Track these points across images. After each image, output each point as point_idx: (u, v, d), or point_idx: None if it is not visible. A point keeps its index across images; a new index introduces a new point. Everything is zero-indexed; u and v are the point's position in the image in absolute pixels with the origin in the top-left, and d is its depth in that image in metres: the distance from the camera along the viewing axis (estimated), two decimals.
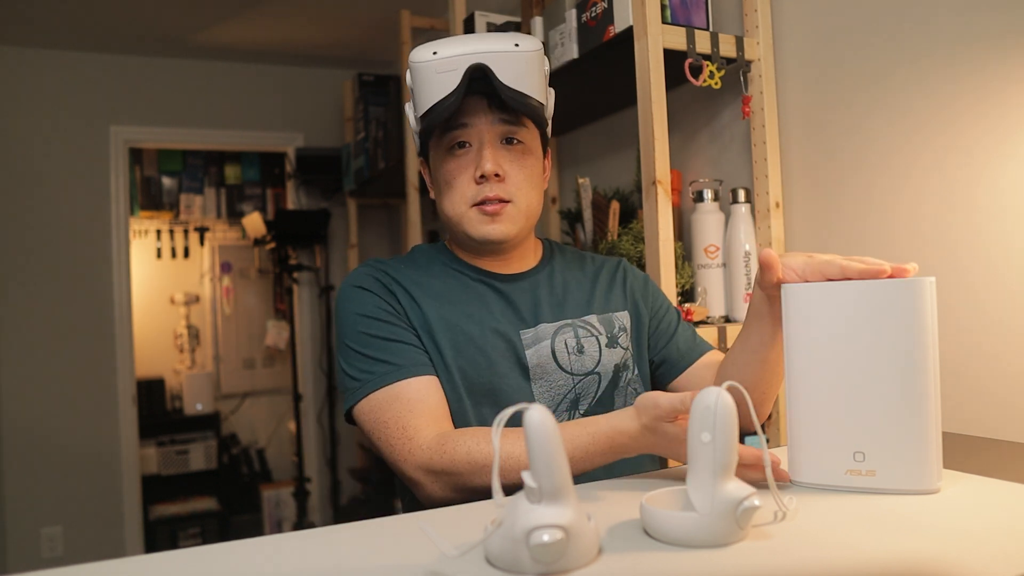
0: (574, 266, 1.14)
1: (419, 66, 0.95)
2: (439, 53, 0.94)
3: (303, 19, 3.16)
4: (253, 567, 0.61)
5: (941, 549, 0.59)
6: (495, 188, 0.99)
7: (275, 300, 4.59)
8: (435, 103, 0.95)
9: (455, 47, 0.94)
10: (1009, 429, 1.10)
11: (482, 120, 0.99)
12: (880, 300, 0.74)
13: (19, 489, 3.16)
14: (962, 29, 1.16)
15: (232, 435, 4.40)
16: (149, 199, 4.36)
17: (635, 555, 0.60)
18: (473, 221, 1.01)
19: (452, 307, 1.02)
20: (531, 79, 0.97)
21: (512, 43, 0.95)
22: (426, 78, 0.95)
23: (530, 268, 1.10)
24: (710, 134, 1.69)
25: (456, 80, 0.93)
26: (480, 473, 0.86)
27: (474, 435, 0.89)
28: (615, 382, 1.05)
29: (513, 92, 0.95)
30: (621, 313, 1.10)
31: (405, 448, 0.90)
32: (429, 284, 1.04)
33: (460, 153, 1.00)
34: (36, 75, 3.27)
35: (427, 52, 0.95)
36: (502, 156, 1.00)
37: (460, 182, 1.00)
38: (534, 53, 0.97)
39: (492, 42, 0.95)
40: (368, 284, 1.02)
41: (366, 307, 1.00)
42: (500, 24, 1.91)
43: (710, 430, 0.62)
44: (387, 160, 2.80)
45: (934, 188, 1.21)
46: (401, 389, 0.94)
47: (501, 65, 0.94)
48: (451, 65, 0.93)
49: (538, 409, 0.57)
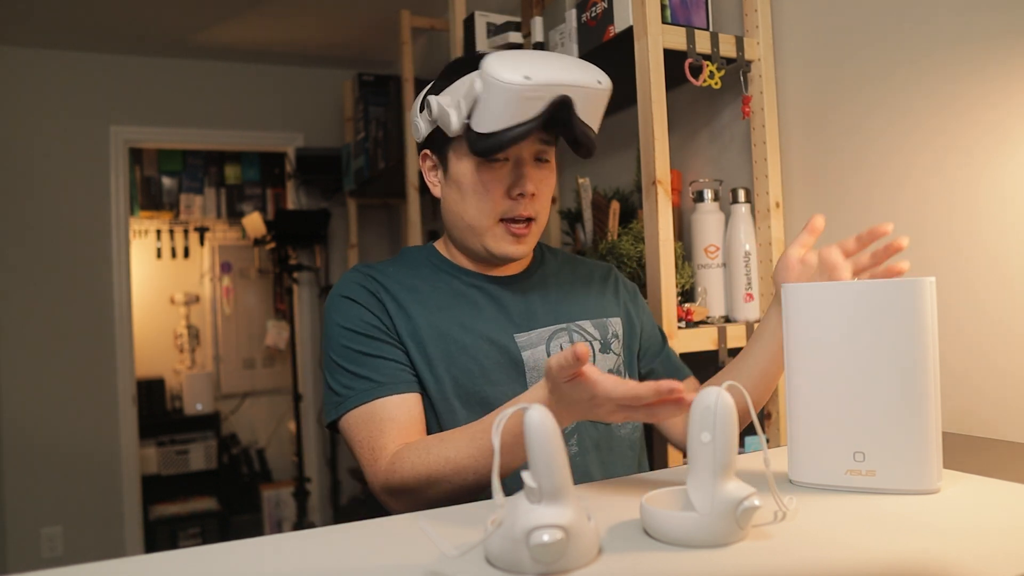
0: (566, 269, 1.14)
1: (505, 86, 0.89)
2: (532, 79, 0.89)
3: (303, 19, 3.16)
4: (253, 567, 0.61)
5: (941, 549, 0.59)
6: (527, 207, 0.99)
7: (275, 300, 4.59)
8: (510, 126, 0.91)
9: (545, 72, 0.91)
10: (1009, 429, 1.10)
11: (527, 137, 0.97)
12: (880, 300, 0.74)
13: (19, 489, 3.15)
14: (962, 29, 1.16)
15: (232, 435, 4.40)
16: (149, 199, 4.36)
17: (635, 555, 0.60)
18: (497, 237, 1.00)
19: (443, 314, 1.01)
20: (598, 114, 0.98)
21: (595, 79, 0.95)
22: (509, 99, 0.90)
23: (522, 271, 1.10)
24: (710, 134, 1.69)
25: (538, 108, 0.91)
26: (430, 485, 0.86)
27: (416, 447, 0.89)
28: None
29: (585, 127, 0.95)
30: (614, 319, 1.10)
31: (371, 470, 0.92)
32: (419, 291, 1.03)
33: (497, 166, 0.99)
34: (36, 75, 3.27)
35: (517, 74, 0.89)
36: (535, 174, 1.00)
37: (492, 195, 0.99)
38: (609, 91, 0.97)
39: (577, 72, 0.93)
40: (355, 294, 1.01)
41: (351, 320, 0.99)
42: (500, 24, 1.91)
43: (710, 430, 0.63)
44: (387, 160, 2.80)
45: (934, 188, 1.21)
46: (376, 408, 0.94)
47: (582, 100, 0.93)
48: (539, 93, 0.90)
49: (538, 409, 0.57)
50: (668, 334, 1.32)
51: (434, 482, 0.86)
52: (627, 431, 1.08)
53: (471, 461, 0.84)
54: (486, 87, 0.90)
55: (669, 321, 1.32)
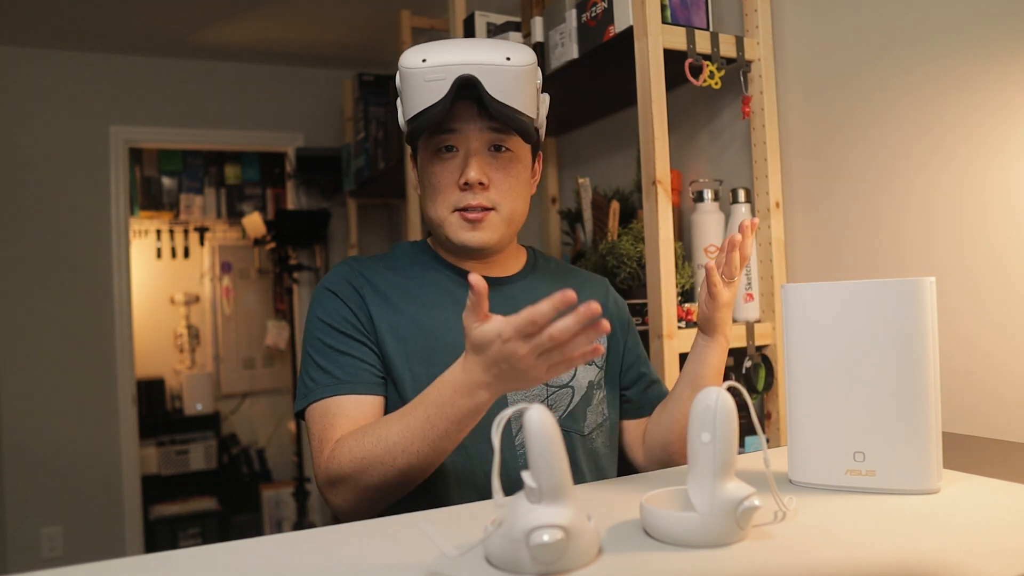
0: (558, 278, 1.13)
1: (407, 71, 0.94)
2: (428, 60, 0.93)
3: (303, 19, 3.16)
4: (253, 567, 0.61)
5: (941, 549, 0.59)
6: (479, 196, 0.98)
7: (275, 300, 4.59)
8: (422, 110, 0.94)
9: (445, 55, 0.93)
10: (1009, 429, 1.10)
11: (471, 126, 0.98)
12: (880, 300, 0.74)
13: (19, 489, 3.15)
14: (963, 29, 1.16)
15: (232, 435, 4.40)
16: (149, 199, 4.36)
17: (635, 555, 0.60)
18: (454, 226, 1.00)
19: (429, 311, 1.01)
20: (521, 93, 0.95)
21: (503, 56, 0.94)
22: (414, 84, 0.94)
23: (512, 274, 1.09)
24: (710, 134, 1.69)
25: (444, 89, 0.92)
26: (365, 470, 0.86)
27: (354, 433, 0.89)
28: (588, 399, 1.05)
29: (501, 107, 0.93)
30: None
31: (316, 462, 0.93)
32: (407, 287, 1.03)
33: (447, 157, 1.00)
34: (36, 75, 3.27)
35: (416, 58, 0.93)
36: (488, 163, 0.99)
37: (444, 186, 0.99)
38: (525, 68, 0.95)
39: (483, 52, 0.93)
40: (338, 288, 1.02)
41: (329, 314, 1.00)
42: (500, 24, 1.91)
43: (710, 430, 0.63)
44: (387, 160, 2.80)
45: (934, 187, 1.21)
46: (332, 404, 0.95)
47: (491, 78, 0.93)
48: (440, 74, 0.92)
49: (538, 409, 0.57)
50: (668, 334, 1.32)
51: (368, 465, 0.85)
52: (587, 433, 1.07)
53: (400, 439, 0.84)
54: (400, 78, 0.96)
55: (669, 321, 1.32)
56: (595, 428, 1.07)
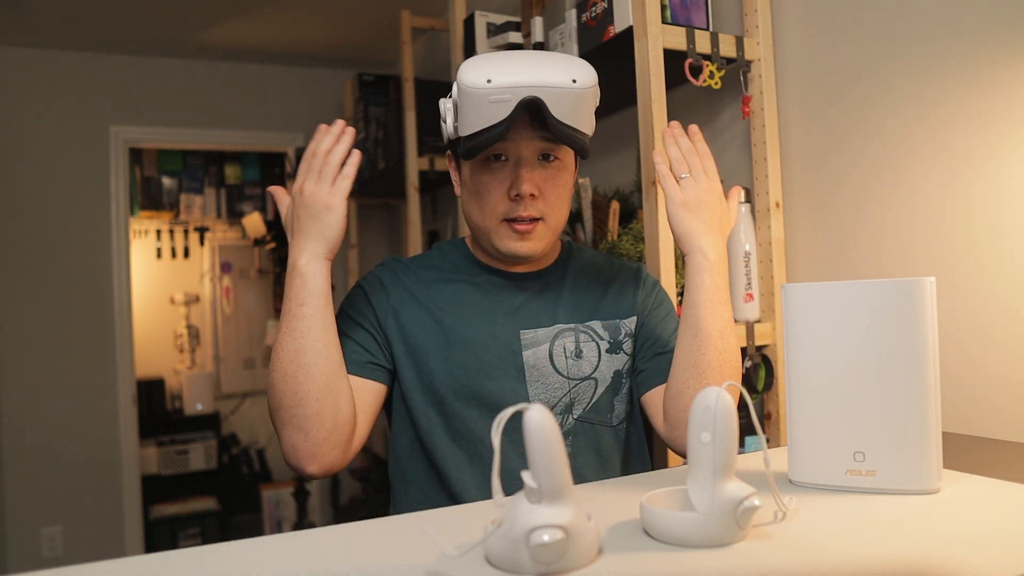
0: (590, 271, 1.13)
1: (471, 91, 0.91)
2: (494, 81, 0.90)
3: (303, 19, 3.16)
4: (253, 567, 0.61)
5: (941, 549, 0.59)
6: (529, 207, 0.98)
7: (275, 300, 4.58)
8: (481, 130, 0.92)
9: (510, 74, 0.90)
10: (1009, 429, 1.10)
11: (523, 135, 0.96)
12: (880, 300, 0.74)
13: (19, 489, 3.15)
14: (963, 29, 1.16)
15: (232, 435, 4.40)
16: (149, 199, 4.36)
17: (635, 555, 0.60)
18: (502, 236, 1.00)
19: (453, 308, 1.02)
20: (583, 114, 0.95)
21: (570, 77, 0.92)
22: (476, 103, 0.91)
23: (541, 268, 1.09)
24: (710, 134, 1.69)
25: (507, 111, 0.90)
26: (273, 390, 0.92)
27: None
28: (615, 388, 1.05)
29: (564, 127, 0.92)
30: (629, 319, 1.09)
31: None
32: (435, 283, 1.05)
33: (496, 166, 0.99)
34: (36, 75, 3.27)
35: (480, 78, 0.90)
36: (538, 174, 0.99)
37: (494, 196, 0.99)
38: (590, 90, 0.94)
39: (550, 73, 0.91)
40: (369, 285, 1.06)
41: (352, 301, 1.06)
42: (500, 24, 1.91)
43: (710, 430, 0.62)
44: (387, 160, 2.80)
45: (935, 187, 1.21)
46: None
47: (555, 100, 0.91)
48: (504, 96, 0.90)
49: (538, 409, 0.57)
50: None
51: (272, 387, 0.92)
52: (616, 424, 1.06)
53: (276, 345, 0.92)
54: (459, 93, 0.94)
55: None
56: (625, 418, 1.07)
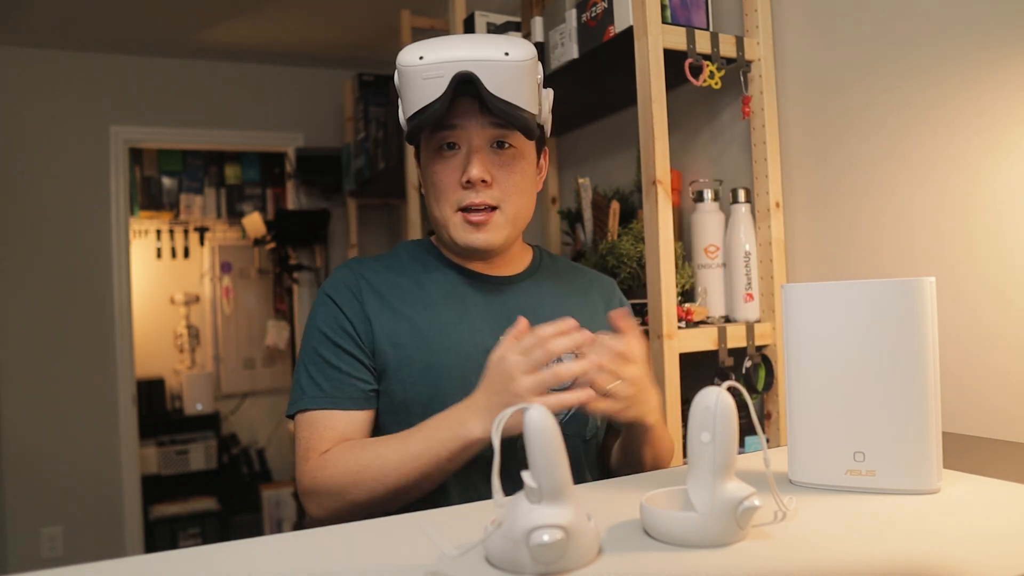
0: (564, 279, 1.11)
1: (405, 69, 0.93)
2: (425, 58, 0.91)
3: (303, 19, 3.16)
4: (253, 567, 0.61)
5: (941, 549, 0.59)
6: (481, 194, 0.96)
7: (275, 300, 4.58)
8: (421, 108, 0.93)
9: (442, 51, 0.91)
10: (1009, 429, 1.10)
11: (472, 123, 0.96)
12: (880, 300, 0.74)
13: (19, 489, 3.15)
14: (963, 29, 1.16)
15: (232, 435, 4.40)
16: (149, 199, 4.36)
17: (635, 555, 0.60)
18: (457, 227, 0.98)
19: (429, 314, 1.00)
20: (521, 88, 0.93)
21: (502, 51, 0.92)
22: (412, 82, 0.92)
23: (517, 273, 1.07)
24: (710, 134, 1.69)
25: (442, 87, 0.91)
26: (356, 484, 0.88)
27: (351, 445, 0.91)
28: None
29: (501, 103, 0.92)
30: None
31: (300, 468, 0.94)
32: (408, 289, 1.02)
33: (448, 155, 0.98)
34: (36, 75, 3.27)
35: (413, 55, 0.92)
36: (491, 160, 0.97)
37: (447, 185, 0.98)
38: (525, 63, 0.93)
39: (481, 48, 0.92)
40: (338, 294, 1.01)
41: (327, 322, 1.00)
42: (500, 24, 1.91)
43: (710, 430, 0.62)
44: (387, 160, 2.80)
45: (936, 187, 1.21)
46: (320, 416, 0.96)
47: (489, 74, 0.91)
48: (437, 71, 0.90)
49: (538, 409, 0.57)
50: (668, 334, 1.32)
51: (360, 480, 0.88)
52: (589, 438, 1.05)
53: (397, 458, 0.87)
54: (399, 76, 0.95)
55: (669, 321, 1.32)
56: (600, 429, 1.06)
